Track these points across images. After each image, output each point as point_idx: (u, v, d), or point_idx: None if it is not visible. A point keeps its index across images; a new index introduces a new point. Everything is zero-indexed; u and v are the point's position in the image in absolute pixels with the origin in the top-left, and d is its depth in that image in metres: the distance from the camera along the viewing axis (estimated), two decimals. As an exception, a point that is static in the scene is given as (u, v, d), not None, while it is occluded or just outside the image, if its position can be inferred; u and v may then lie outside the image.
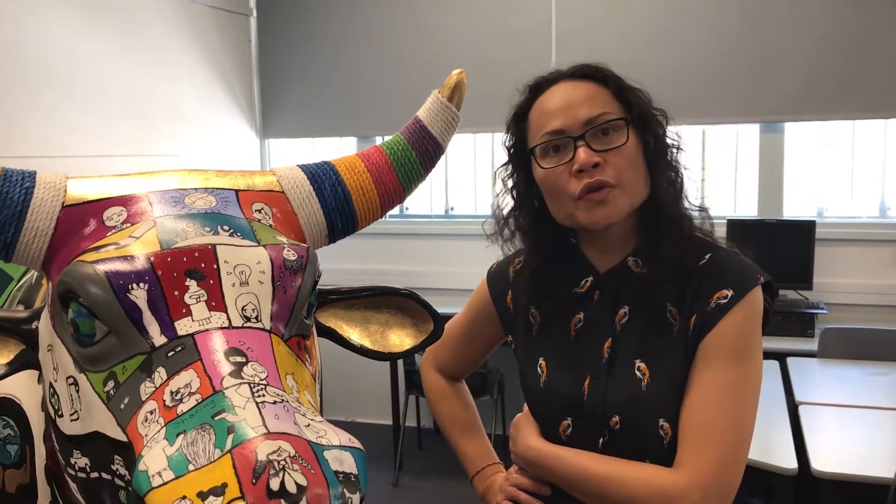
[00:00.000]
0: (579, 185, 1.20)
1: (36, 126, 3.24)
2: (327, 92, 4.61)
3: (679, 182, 1.30)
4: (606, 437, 1.26)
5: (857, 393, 2.85)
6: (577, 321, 1.31)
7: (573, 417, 1.29)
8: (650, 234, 1.26)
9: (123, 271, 0.84)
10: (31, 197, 0.93)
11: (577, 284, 1.32)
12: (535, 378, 1.34)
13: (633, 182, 1.22)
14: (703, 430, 1.15)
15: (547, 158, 1.26)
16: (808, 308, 3.57)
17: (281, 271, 0.90)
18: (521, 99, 1.33)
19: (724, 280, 1.22)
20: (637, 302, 1.27)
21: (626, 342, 1.27)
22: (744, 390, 1.17)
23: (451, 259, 4.45)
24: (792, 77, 3.80)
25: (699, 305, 1.22)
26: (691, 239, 1.27)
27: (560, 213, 1.27)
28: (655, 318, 1.26)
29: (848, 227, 3.92)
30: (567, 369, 1.30)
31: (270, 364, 0.82)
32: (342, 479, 0.71)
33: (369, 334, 1.16)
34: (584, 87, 1.26)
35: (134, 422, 0.79)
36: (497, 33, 4.21)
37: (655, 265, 1.24)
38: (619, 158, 1.21)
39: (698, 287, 1.23)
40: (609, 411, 1.24)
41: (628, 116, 1.24)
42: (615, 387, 1.24)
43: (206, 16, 4.28)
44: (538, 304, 1.36)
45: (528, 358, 1.36)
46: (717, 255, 1.27)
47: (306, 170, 1.08)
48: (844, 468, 2.22)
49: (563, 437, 1.30)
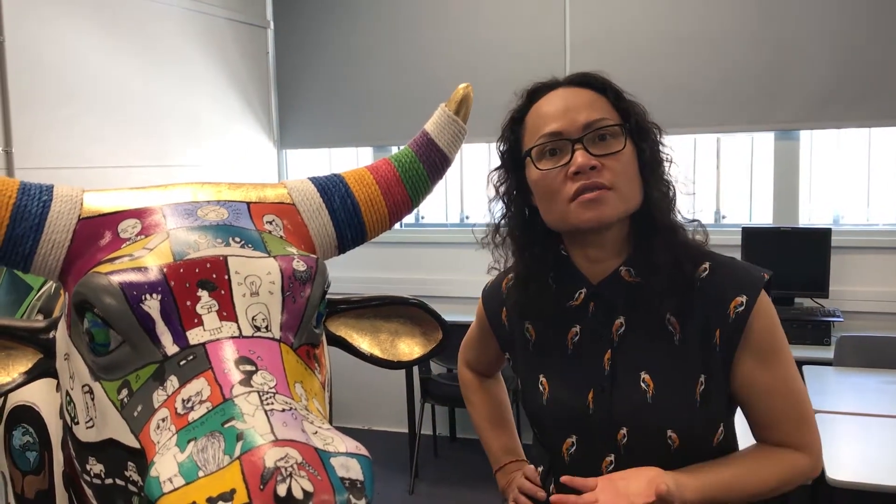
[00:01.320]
0: (574, 187, 1.21)
1: (55, 138, 3.28)
2: (344, 103, 4.64)
3: (672, 193, 1.31)
4: (612, 455, 1.26)
5: (874, 401, 2.83)
6: (574, 334, 1.31)
7: (578, 434, 1.29)
8: (643, 242, 1.27)
9: (137, 282, 0.87)
10: (49, 210, 0.95)
11: (571, 297, 1.32)
12: (537, 396, 1.34)
13: (627, 188, 1.24)
14: (795, 417, 1.27)
15: (543, 160, 1.26)
16: (824, 316, 3.55)
17: (290, 282, 0.92)
18: (517, 103, 1.34)
19: (734, 287, 1.25)
20: (632, 312, 1.28)
21: (627, 353, 1.27)
22: (793, 368, 1.29)
23: (467, 267, 4.45)
24: (807, 85, 3.79)
25: (718, 318, 1.24)
26: (685, 247, 1.28)
27: (552, 215, 1.27)
28: (654, 327, 1.27)
29: (864, 235, 3.89)
30: (569, 384, 1.30)
31: (279, 373, 0.84)
32: (348, 486, 0.72)
33: (379, 343, 1.17)
34: (584, 93, 1.28)
35: (147, 429, 0.82)
36: (511, 45, 4.22)
37: (649, 274, 1.25)
38: (616, 164, 1.23)
39: (708, 298, 1.25)
40: (616, 424, 1.24)
41: (626, 124, 1.25)
42: (621, 399, 1.24)
43: (225, 28, 4.33)
44: (532, 319, 1.37)
45: (529, 376, 1.36)
46: (717, 263, 1.28)
47: (316, 182, 1.10)
48: (860, 477, 2.20)
49: (567, 457, 1.30)
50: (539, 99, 1.31)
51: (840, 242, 3.72)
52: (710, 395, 1.25)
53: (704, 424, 1.26)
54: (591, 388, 1.27)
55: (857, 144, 4.03)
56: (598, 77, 1.31)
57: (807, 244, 3.70)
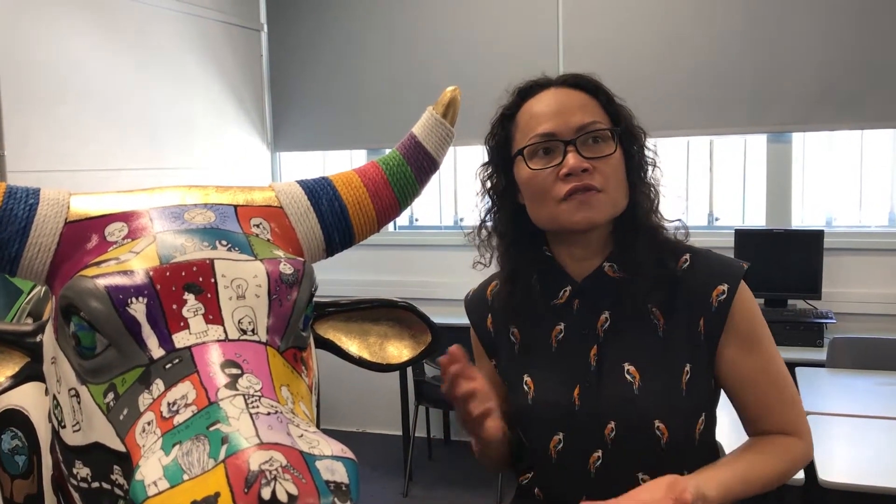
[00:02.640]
0: (566, 188, 1.23)
1: (49, 140, 3.28)
2: (338, 105, 4.64)
3: (655, 195, 1.33)
4: (599, 451, 1.26)
5: (867, 403, 2.83)
6: (558, 332, 1.33)
7: (564, 432, 1.29)
8: (626, 240, 1.29)
9: (123, 286, 0.87)
10: (35, 213, 0.95)
11: (556, 296, 1.33)
12: (522, 396, 1.34)
13: (616, 191, 1.26)
14: (783, 400, 1.31)
15: (535, 160, 1.28)
16: (817, 318, 3.56)
17: (277, 285, 0.92)
18: (508, 100, 1.35)
19: (715, 277, 1.28)
20: (617, 306, 1.30)
21: (612, 347, 1.29)
22: (777, 354, 1.33)
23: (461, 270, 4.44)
24: (800, 87, 3.80)
25: (700, 307, 1.27)
26: (666, 244, 1.31)
27: (541, 214, 1.29)
28: (638, 320, 1.29)
29: (857, 237, 3.90)
30: (554, 381, 1.31)
31: (265, 376, 0.84)
32: (333, 489, 0.72)
33: (368, 346, 1.17)
34: (576, 95, 1.29)
35: (132, 432, 0.81)
36: (504, 47, 4.22)
37: (633, 269, 1.28)
38: (606, 167, 1.25)
39: (690, 289, 1.28)
40: (603, 419, 1.25)
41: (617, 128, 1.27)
42: (607, 392, 1.26)
43: (218, 31, 4.33)
44: (517, 321, 1.37)
45: (513, 377, 1.37)
46: (697, 254, 1.32)
47: (304, 185, 1.10)
48: (853, 479, 2.20)
49: (554, 455, 1.30)
50: (531, 97, 1.32)
51: (832, 244, 3.73)
52: (695, 385, 1.27)
53: (689, 414, 1.28)
54: (576, 385, 1.28)
55: (850, 146, 4.04)
56: (589, 79, 1.33)
57: (799, 246, 3.71)
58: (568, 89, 1.31)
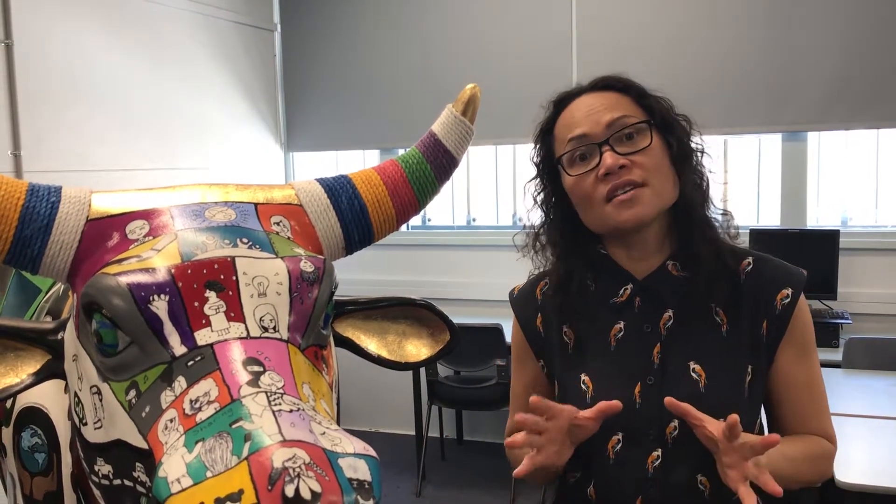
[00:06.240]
0: (607, 188, 1.23)
1: (64, 140, 3.30)
2: (350, 105, 4.65)
3: (705, 185, 1.34)
4: (659, 450, 1.25)
5: (883, 404, 2.81)
6: (618, 331, 1.31)
7: (624, 431, 1.26)
8: (684, 237, 1.30)
9: (145, 283, 0.87)
10: (57, 211, 0.95)
11: (615, 294, 1.32)
12: (580, 395, 1.30)
13: (660, 183, 1.25)
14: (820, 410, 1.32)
15: (574, 166, 1.28)
16: (833, 318, 3.54)
17: (298, 282, 0.92)
18: (545, 115, 1.36)
19: (780, 281, 1.30)
20: (680, 305, 1.29)
21: (676, 346, 1.28)
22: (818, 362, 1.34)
23: (473, 270, 4.46)
24: (815, 86, 3.78)
25: (765, 310, 1.28)
26: (725, 242, 1.32)
27: (592, 219, 1.29)
28: (702, 320, 1.29)
29: (872, 237, 3.88)
30: (614, 380, 1.29)
31: (287, 373, 0.84)
32: (356, 487, 0.72)
33: (386, 344, 1.17)
34: (607, 95, 1.30)
35: (154, 429, 0.82)
36: (518, 46, 4.22)
37: (695, 267, 1.28)
38: (645, 160, 1.24)
39: (754, 291, 1.29)
40: (666, 417, 1.23)
41: (651, 120, 1.26)
42: (671, 390, 1.21)
43: (232, 31, 4.34)
44: (571, 321, 1.35)
45: (568, 377, 1.34)
46: (760, 259, 1.33)
47: (324, 183, 1.10)
48: (869, 480, 2.19)
49: (612, 455, 1.27)
50: (565, 108, 1.33)
51: (848, 244, 3.71)
52: (755, 387, 1.28)
53: (750, 415, 1.28)
54: (637, 383, 1.27)
55: (865, 146, 4.02)
56: (619, 78, 1.33)
57: (815, 246, 3.69)
58: (598, 92, 1.31)
